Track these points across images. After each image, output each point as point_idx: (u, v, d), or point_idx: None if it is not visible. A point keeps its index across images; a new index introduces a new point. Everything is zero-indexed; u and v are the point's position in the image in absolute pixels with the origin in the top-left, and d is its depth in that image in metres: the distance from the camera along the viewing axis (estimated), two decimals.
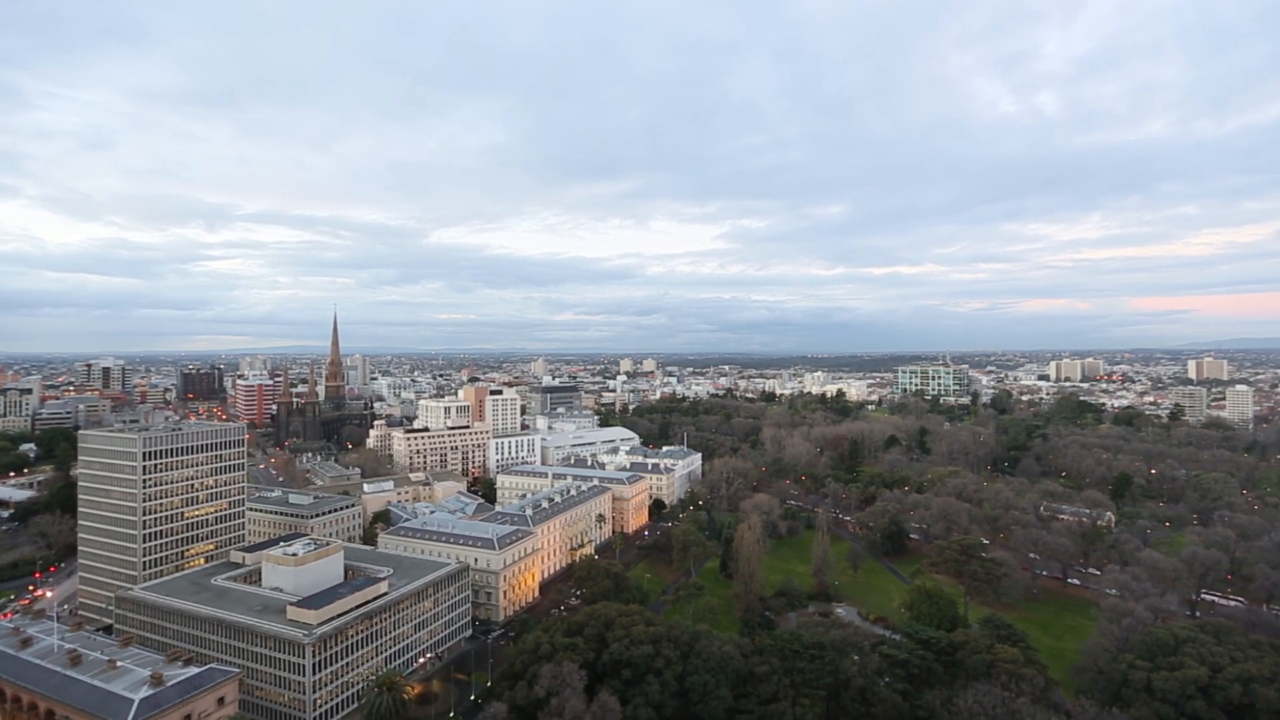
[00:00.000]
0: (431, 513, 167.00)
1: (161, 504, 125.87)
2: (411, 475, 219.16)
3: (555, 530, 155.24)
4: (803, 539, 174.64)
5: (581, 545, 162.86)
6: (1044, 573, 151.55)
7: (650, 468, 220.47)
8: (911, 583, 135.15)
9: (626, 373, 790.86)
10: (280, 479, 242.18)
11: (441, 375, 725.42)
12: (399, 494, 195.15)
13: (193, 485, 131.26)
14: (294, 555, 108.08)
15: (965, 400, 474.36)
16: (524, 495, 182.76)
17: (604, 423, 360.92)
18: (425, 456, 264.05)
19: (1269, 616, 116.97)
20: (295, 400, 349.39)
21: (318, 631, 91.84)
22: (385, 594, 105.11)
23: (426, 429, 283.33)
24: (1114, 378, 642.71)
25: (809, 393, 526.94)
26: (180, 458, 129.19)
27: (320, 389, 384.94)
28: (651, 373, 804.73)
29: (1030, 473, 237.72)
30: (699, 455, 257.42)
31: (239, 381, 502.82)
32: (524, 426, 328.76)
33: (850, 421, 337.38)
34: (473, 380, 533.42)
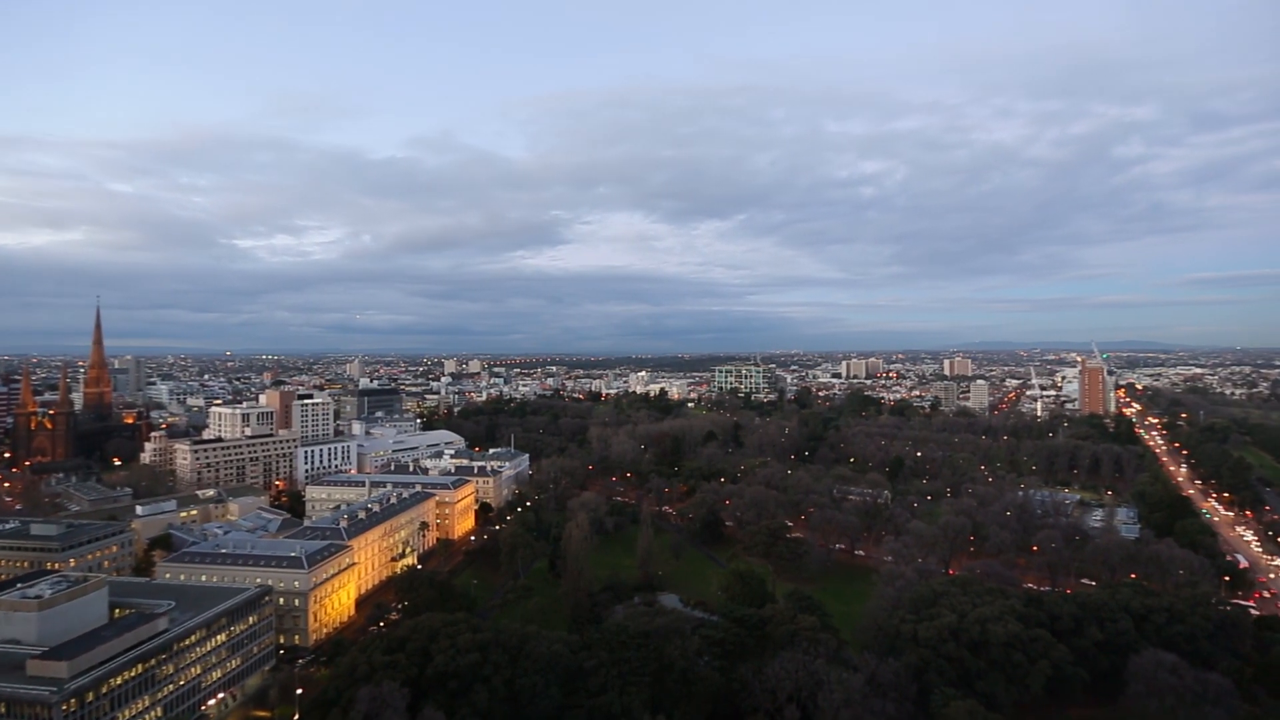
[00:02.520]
0: (226, 533, 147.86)
1: None
2: (200, 493, 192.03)
3: (374, 542, 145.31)
4: (629, 533, 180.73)
5: (403, 555, 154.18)
6: (838, 547, 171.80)
7: (476, 471, 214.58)
8: (727, 566, 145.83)
9: (451, 374, 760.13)
10: (18, 507, 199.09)
11: (239, 379, 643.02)
12: (185, 515, 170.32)
13: None
14: (36, 598, 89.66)
15: (773, 397, 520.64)
16: (338, 506, 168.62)
17: (427, 426, 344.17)
18: (218, 471, 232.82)
19: (999, 567, 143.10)
20: (41, 411, 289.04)
21: (71, 687, 76.96)
22: (164, 632, 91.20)
23: (220, 439, 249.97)
24: (890, 375, 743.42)
25: (634, 392, 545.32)
26: None
27: (76, 396, 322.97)
28: (477, 374, 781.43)
29: (826, 460, 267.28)
30: (526, 456, 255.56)
31: None
32: (338, 432, 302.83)
33: (672, 419, 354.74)
34: (277, 384, 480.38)
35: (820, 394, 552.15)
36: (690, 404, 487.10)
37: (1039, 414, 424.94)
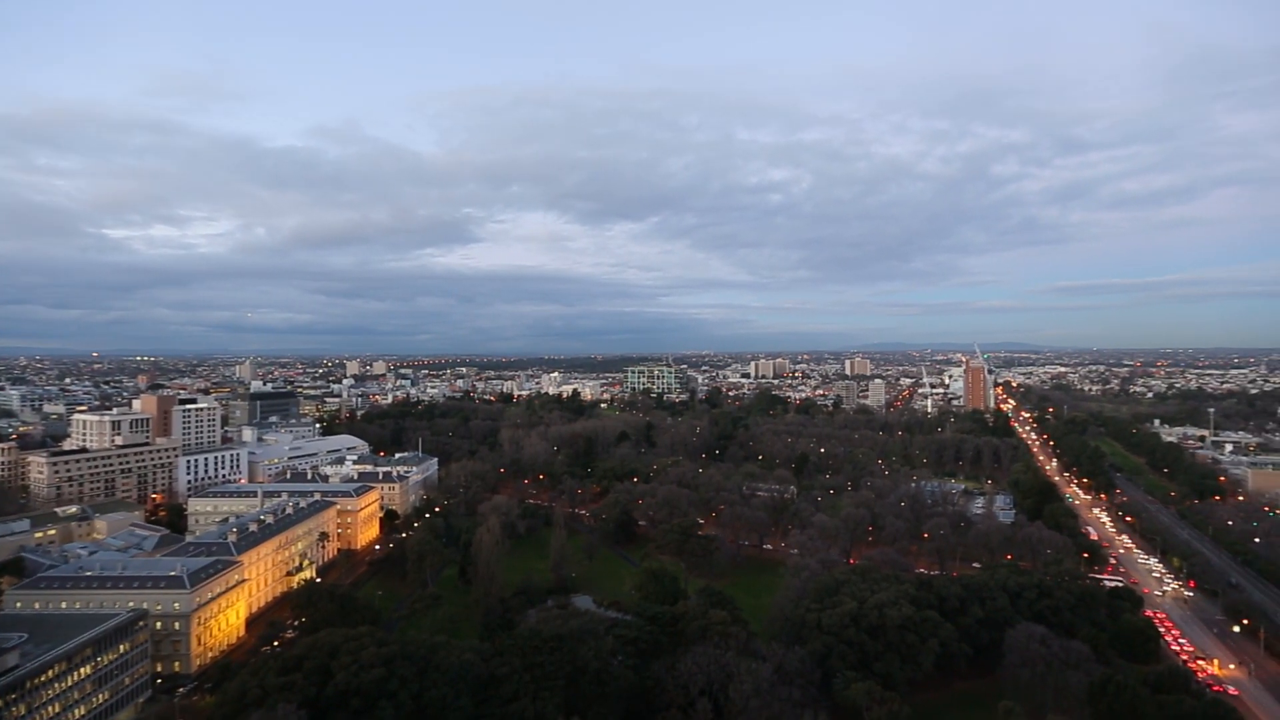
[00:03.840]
0: (91, 554, 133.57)
1: None
2: (60, 510, 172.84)
3: (267, 555, 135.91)
4: (542, 536, 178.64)
5: (301, 569, 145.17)
6: (746, 542, 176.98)
7: (381, 476, 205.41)
8: (640, 566, 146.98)
9: (354, 375, 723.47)
10: None
11: (108, 382, 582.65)
12: (40, 535, 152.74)
13: None
14: None
15: (685, 397, 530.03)
16: (226, 519, 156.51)
17: (328, 431, 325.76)
18: (82, 485, 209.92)
19: (894, 555, 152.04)
20: None
21: None
22: (15, 668, 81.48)
23: (84, 450, 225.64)
24: (796, 375, 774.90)
25: (546, 393, 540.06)
26: None
27: None
28: (383, 375, 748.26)
29: (736, 458, 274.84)
30: (435, 460, 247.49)
31: None
32: (226, 440, 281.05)
33: (585, 420, 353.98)
34: (154, 388, 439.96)
35: (730, 394, 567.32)
36: (603, 405, 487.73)
37: (929, 410, 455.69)
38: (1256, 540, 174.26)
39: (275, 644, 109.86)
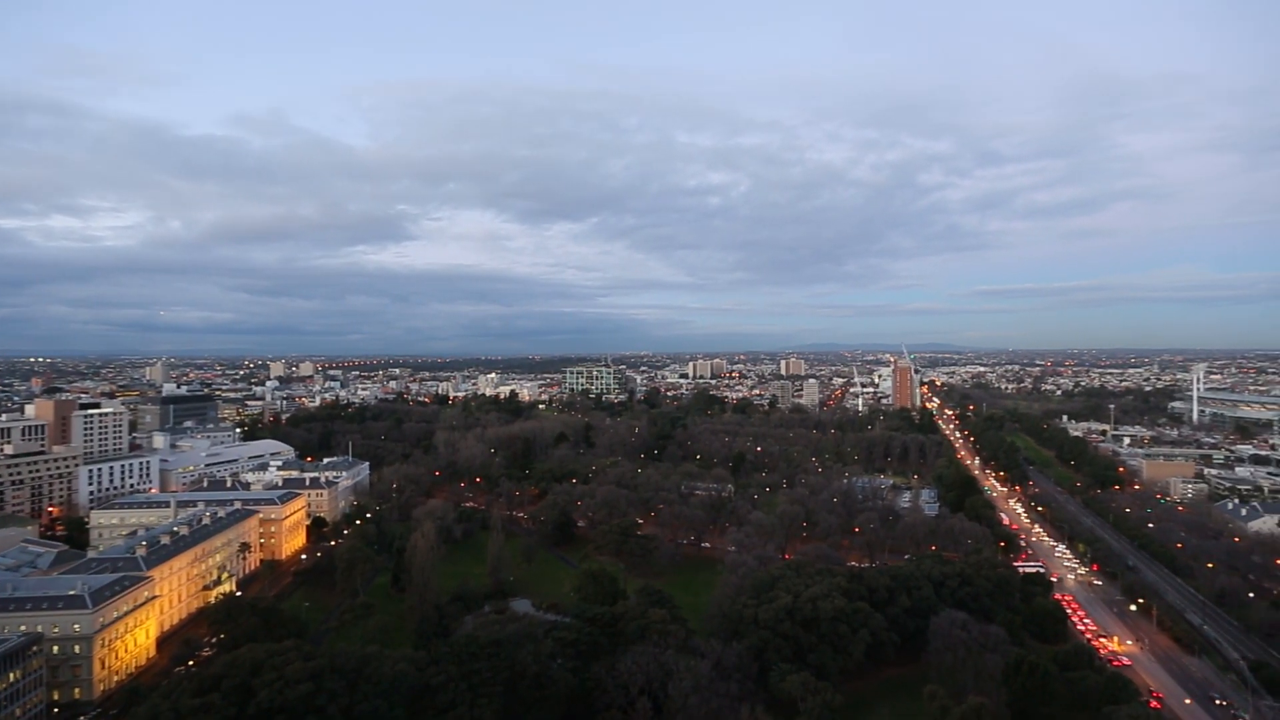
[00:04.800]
0: None
1: None
2: None
3: (181, 570, 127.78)
4: (479, 540, 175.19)
5: (219, 582, 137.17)
6: (685, 541, 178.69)
7: (308, 483, 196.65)
8: (579, 567, 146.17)
9: (279, 377, 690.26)
10: None
11: None
12: None
13: None
14: None
15: (623, 398, 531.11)
16: (134, 533, 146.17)
17: (250, 436, 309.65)
18: None
19: (827, 549, 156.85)
20: None
21: None
22: None
23: None
24: (733, 375, 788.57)
25: (483, 395, 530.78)
26: None
27: None
28: (310, 377, 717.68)
29: (674, 457, 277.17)
30: (366, 465, 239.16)
31: None
32: (135, 447, 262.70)
33: (523, 421, 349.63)
34: (50, 391, 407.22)
35: (669, 394, 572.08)
36: (541, 406, 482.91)
37: (860, 409, 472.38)
38: (1150, 525, 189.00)
39: (191, 663, 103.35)
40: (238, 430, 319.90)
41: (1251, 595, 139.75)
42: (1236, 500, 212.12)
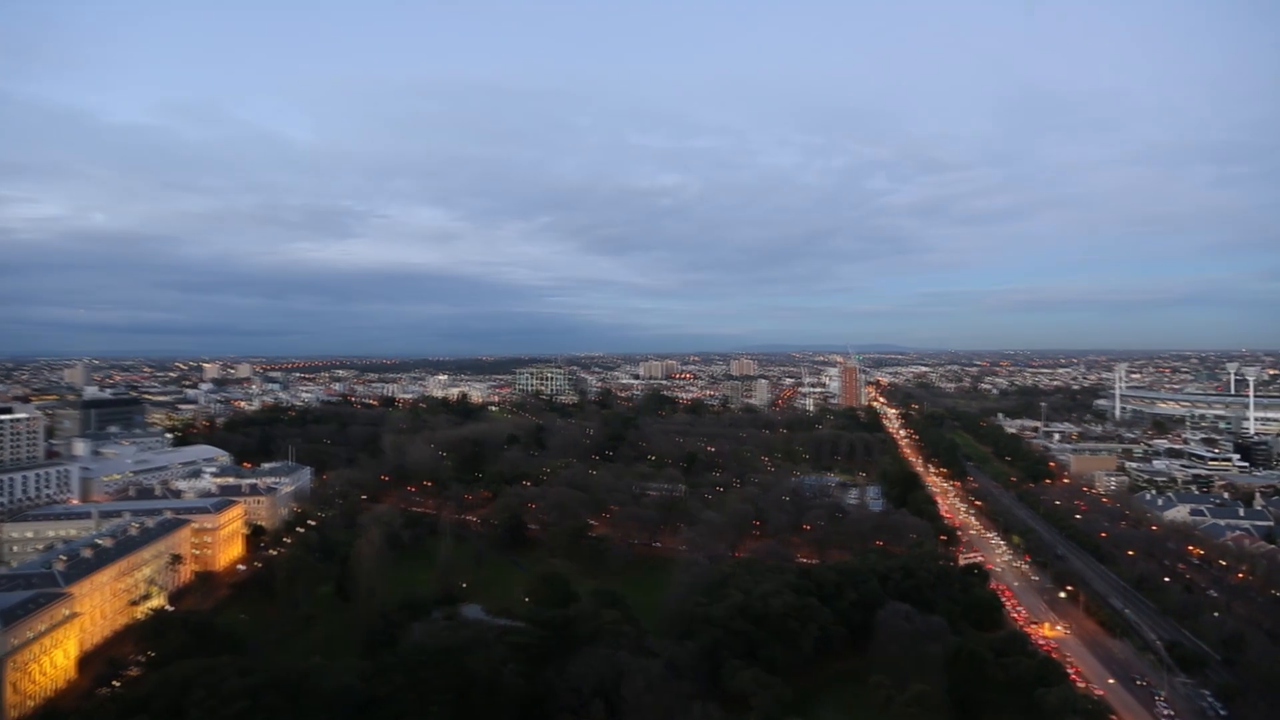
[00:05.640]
0: None
1: None
2: None
3: (105, 585, 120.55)
4: (428, 545, 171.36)
5: (148, 597, 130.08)
6: (638, 541, 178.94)
7: (246, 489, 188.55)
8: (531, 570, 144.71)
9: (213, 379, 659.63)
10: None
11: None
12: None
13: None
14: None
15: (576, 398, 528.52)
16: (51, 546, 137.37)
17: (182, 441, 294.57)
18: None
19: (777, 546, 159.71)
20: None
21: None
22: None
23: None
24: (685, 375, 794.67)
25: (432, 396, 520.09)
26: None
27: None
28: (247, 379, 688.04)
29: (627, 458, 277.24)
30: (309, 470, 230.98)
31: None
32: (52, 454, 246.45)
33: (473, 423, 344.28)
34: None
35: (621, 394, 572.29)
36: (492, 407, 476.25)
37: (809, 408, 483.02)
38: (1077, 516, 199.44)
39: (115, 683, 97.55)
40: (168, 435, 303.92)
41: (1167, 579, 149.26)
42: (1154, 491, 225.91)
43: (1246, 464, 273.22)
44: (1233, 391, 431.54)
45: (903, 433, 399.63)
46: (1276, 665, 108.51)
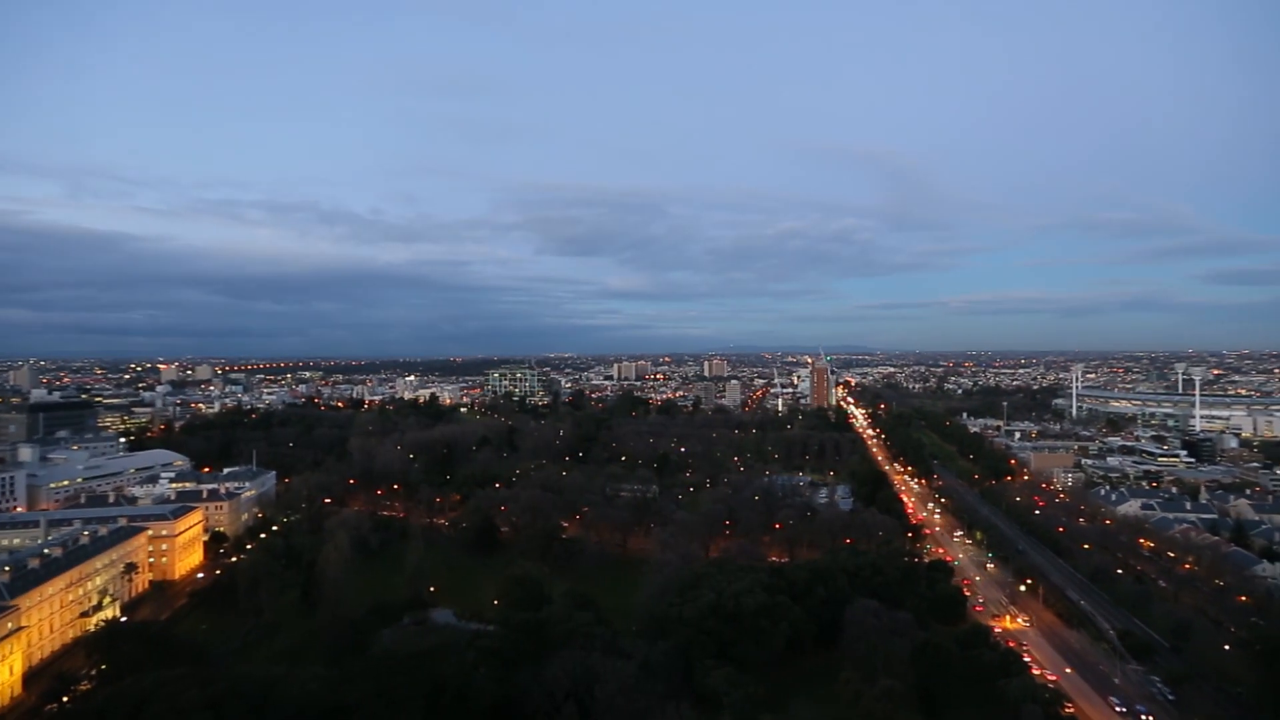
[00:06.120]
0: None
1: None
2: None
3: (54, 596, 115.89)
4: (397, 549, 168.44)
5: (100, 608, 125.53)
6: (611, 543, 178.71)
7: (206, 495, 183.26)
8: (503, 573, 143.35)
9: (171, 381, 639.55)
10: None
11: None
12: None
13: None
14: None
15: (548, 400, 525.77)
16: None
17: (137, 446, 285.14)
18: None
19: (749, 546, 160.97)
20: None
21: None
22: None
23: None
24: (657, 376, 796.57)
25: (401, 398, 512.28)
26: None
27: None
28: (207, 381, 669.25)
29: (599, 459, 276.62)
30: (273, 474, 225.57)
31: None
32: None
33: (444, 425, 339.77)
34: None
35: (593, 396, 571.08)
36: (463, 409, 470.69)
37: (780, 409, 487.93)
38: (1036, 512, 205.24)
39: (65, 699, 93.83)
40: (122, 440, 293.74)
41: (1119, 571, 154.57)
42: (1108, 487, 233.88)
43: (1193, 460, 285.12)
44: (1180, 391, 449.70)
45: (871, 432, 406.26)
46: (1220, 652, 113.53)
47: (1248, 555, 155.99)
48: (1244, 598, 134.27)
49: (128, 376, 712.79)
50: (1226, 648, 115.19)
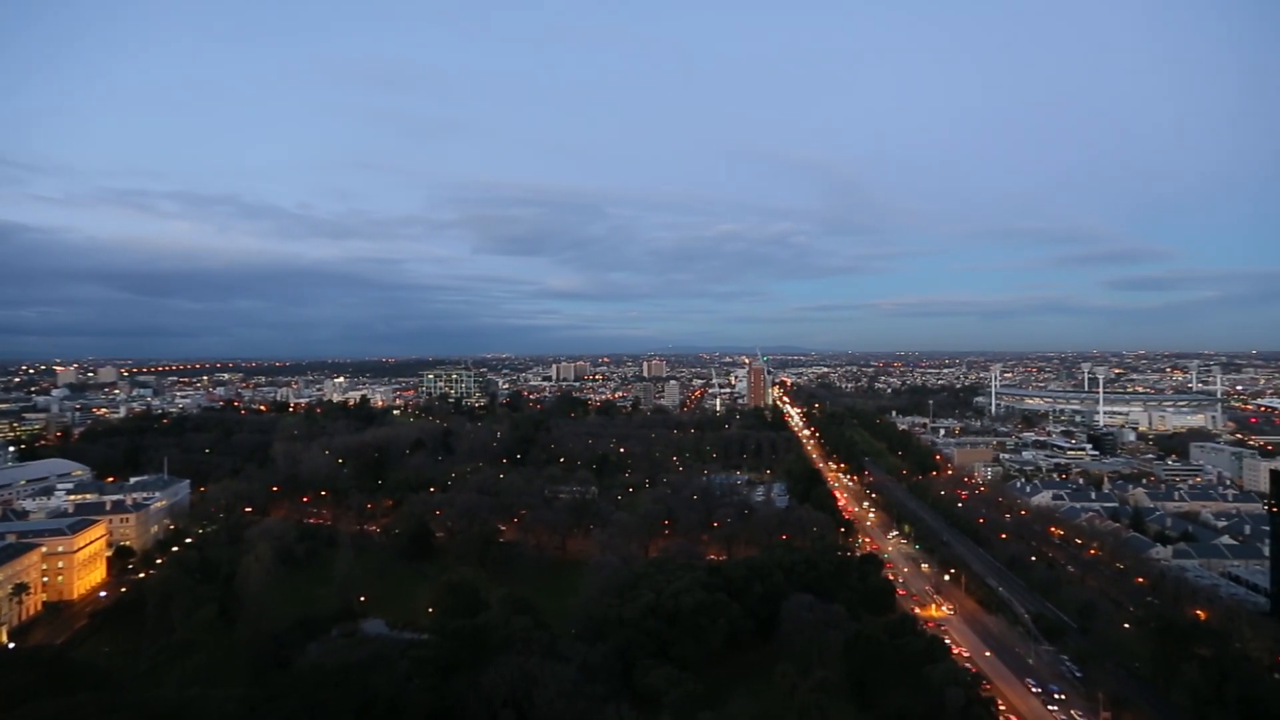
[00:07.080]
0: None
1: None
2: None
3: None
4: (325, 559, 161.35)
5: None
6: (549, 545, 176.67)
7: (110, 507, 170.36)
8: (438, 580, 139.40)
9: (69, 384, 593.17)
10: None
11: None
12: None
13: None
14: None
15: (485, 401, 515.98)
16: None
17: (30, 455, 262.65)
18: None
19: (688, 545, 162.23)
20: None
21: None
22: None
23: None
24: (597, 377, 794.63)
25: (330, 401, 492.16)
26: None
27: None
28: (111, 384, 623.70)
29: (538, 461, 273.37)
30: (187, 483, 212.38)
31: None
32: None
33: (375, 428, 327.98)
34: None
35: (532, 397, 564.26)
36: (396, 412, 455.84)
37: (718, 409, 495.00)
38: (959, 505, 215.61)
39: None
40: (11, 449, 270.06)
41: (1033, 558, 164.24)
42: (1023, 479, 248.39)
43: (1098, 452, 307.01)
44: (1086, 389, 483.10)
45: (806, 431, 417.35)
46: (1121, 631, 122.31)
47: (1144, 540, 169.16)
48: (1141, 579, 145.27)
49: (18, 379, 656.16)
50: (1126, 626, 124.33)
